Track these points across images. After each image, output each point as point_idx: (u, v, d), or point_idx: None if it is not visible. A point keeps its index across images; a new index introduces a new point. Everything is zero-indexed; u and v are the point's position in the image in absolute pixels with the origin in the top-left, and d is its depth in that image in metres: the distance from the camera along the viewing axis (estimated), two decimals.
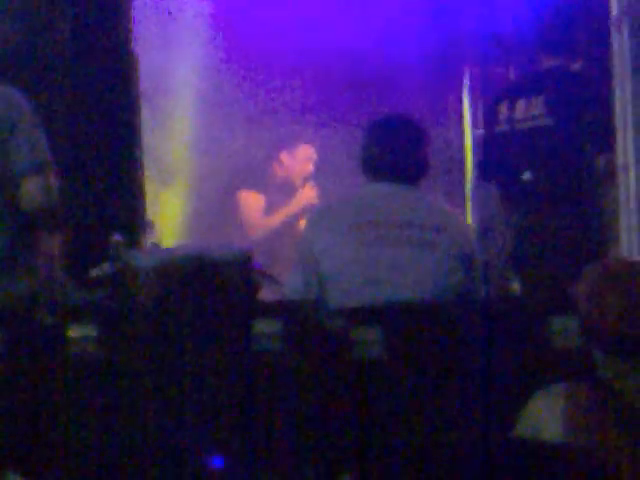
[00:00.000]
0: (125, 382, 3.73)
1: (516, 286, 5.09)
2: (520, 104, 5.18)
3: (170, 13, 7.12)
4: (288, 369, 3.73)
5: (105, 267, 4.13)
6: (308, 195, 7.11)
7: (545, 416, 3.16)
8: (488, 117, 5.39)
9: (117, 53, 4.93)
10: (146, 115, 5.25)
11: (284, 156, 7.28)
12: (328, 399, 3.73)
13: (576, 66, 5.19)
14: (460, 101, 7.29)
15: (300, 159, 7.25)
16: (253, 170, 7.43)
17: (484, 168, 5.44)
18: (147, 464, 3.69)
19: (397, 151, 4.33)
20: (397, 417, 3.73)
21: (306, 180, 7.21)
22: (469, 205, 7.36)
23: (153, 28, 6.80)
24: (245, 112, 7.63)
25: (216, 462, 3.73)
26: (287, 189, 7.21)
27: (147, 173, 5.17)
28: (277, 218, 7.01)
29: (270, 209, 7.18)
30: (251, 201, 7.22)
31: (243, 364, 3.74)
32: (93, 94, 4.89)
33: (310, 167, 7.25)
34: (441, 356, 3.73)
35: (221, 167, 7.62)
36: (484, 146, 5.49)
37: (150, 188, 5.53)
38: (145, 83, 5.36)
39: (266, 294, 4.30)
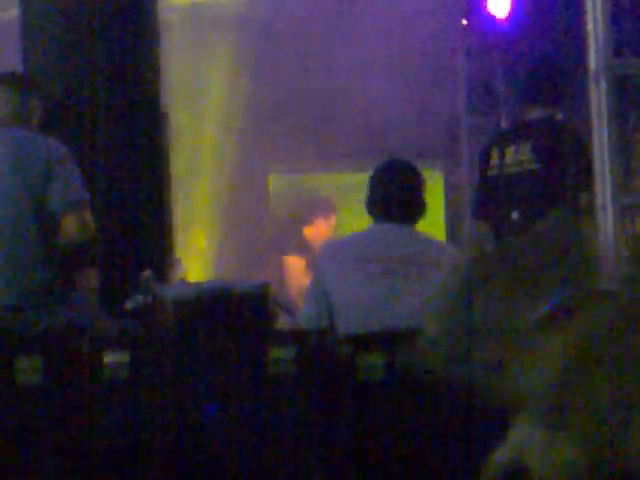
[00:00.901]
0: (154, 402, 3.77)
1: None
2: (509, 150, 5.24)
3: None
4: (300, 390, 3.79)
5: (137, 300, 4.19)
6: None
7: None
8: (481, 162, 5.42)
9: (148, 107, 4.96)
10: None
11: (320, 220, 7.42)
12: (335, 417, 3.80)
13: (559, 116, 5.24)
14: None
15: (330, 225, 7.41)
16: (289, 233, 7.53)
17: (477, 208, 5.46)
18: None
19: (398, 194, 4.39)
20: (396, 434, 3.80)
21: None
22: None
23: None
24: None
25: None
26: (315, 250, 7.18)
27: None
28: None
29: (307, 269, 7.07)
30: (296, 266, 7.27)
31: (260, 385, 3.80)
32: (127, 143, 4.91)
33: (332, 232, 7.38)
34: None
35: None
36: (478, 188, 5.52)
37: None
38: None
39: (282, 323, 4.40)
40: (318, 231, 7.36)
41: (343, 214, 7.49)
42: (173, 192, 4.98)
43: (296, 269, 7.25)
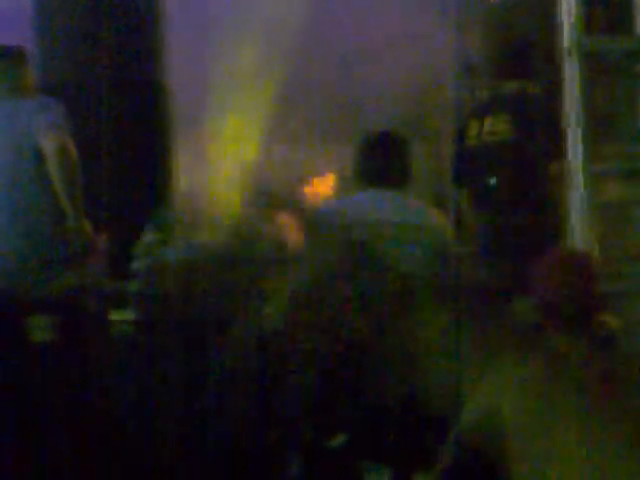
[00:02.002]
0: (158, 358, 3.78)
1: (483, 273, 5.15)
2: (487, 121, 5.28)
3: None
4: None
5: (141, 261, 4.25)
6: None
7: (503, 384, 3.22)
8: (460, 132, 5.44)
9: (152, 86, 5.02)
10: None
11: (317, 181, 7.40)
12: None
13: (532, 89, 5.26)
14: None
15: (328, 185, 7.38)
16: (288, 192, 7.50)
17: (457, 176, 5.48)
18: (172, 434, 3.76)
19: (382, 161, 4.37)
20: None
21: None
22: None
23: None
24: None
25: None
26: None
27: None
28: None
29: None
30: (289, 224, 7.24)
31: (256, 339, 3.80)
32: (132, 121, 4.97)
33: (331, 191, 7.37)
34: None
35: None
36: (457, 157, 5.53)
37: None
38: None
39: None
40: (317, 191, 7.33)
41: None
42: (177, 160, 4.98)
43: (292, 228, 7.23)
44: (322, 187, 7.40)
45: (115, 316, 3.88)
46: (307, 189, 7.40)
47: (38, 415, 3.76)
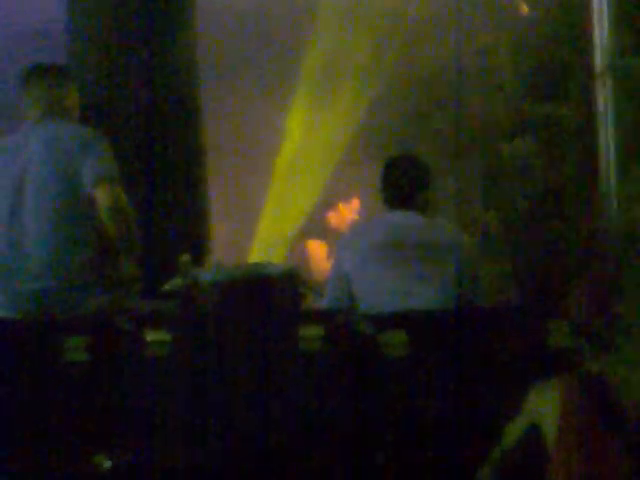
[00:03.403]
0: (193, 377, 3.78)
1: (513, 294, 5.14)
2: (515, 143, 5.26)
3: None
4: (328, 366, 3.80)
5: (176, 282, 4.16)
6: None
7: (542, 408, 3.25)
8: (488, 154, 5.43)
9: (185, 101, 5.01)
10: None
11: (342, 206, 7.35)
12: (360, 390, 3.80)
13: (563, 111, 5.25)
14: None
15: (352, 210, 7.32)
16: (314, 217, 7.51)
17: (486, 197, 5.47)
18: (209, 449, 3.76)
19: (408, 184, 4.43)
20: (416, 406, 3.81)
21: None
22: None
23: None
24: None
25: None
26: (338, 235, 7.19)
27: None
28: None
29: (330, 254, 7.11)
30: (318, 250, 7.23)
31: (291, 361, 3.81)
32: (165, 136, 4.94)
33: (356, 216, 7.31)
34: (455, 354, 3.81)
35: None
36: (487, 178, 5.53)
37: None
38: None
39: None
40: (341, 216, 7.31)
41: None
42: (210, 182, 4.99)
43: (318, 253, 7.22)
44: (347, 212, 7.36)
45: (150, 336, 3.84)
46: (332, 215, 7.37)
47: (71, 435, 3.76)
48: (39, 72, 4.44)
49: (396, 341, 3.82)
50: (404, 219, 4.38)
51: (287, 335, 3.83)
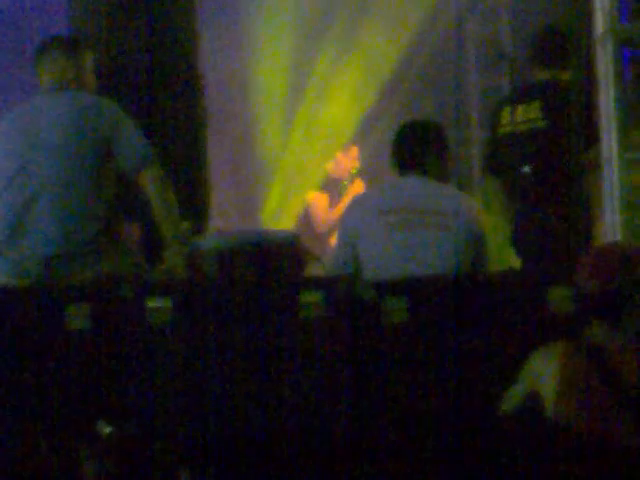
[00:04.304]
0: (195, 343, 3.79)
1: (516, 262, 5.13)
2: (520, 109, 5.22)
3: None
4: (329, 332, 3.79)
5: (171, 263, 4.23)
6: (359, 189, 7.06)
7: (543, 372, 3.25)
8: (493, 120, 5.39)
9: (188, 74, 5.00)
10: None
11: (339, 156, 7.28)
12: (361, 356, 3.81)
13: (566, 76, 5.20)
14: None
15: (352, 158, 7.24)
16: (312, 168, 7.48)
17: (489, 163, 5.43)
18: (210, 416, 3.76)
19: (418, 149, 4.42)
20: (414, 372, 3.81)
21: (354, 176, 7.20)
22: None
23: None
24: None
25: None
26: (339, 185, 7.20)
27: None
28: (337, 212, 6.71)
29: (331, 205, 7.14)
30: (319, 201, 7.19)
31: (292, 328, 3.80)
32: (168, 108, 4.93)
33: (357, 164, 7.25)
34: (456, 321, 3.80)
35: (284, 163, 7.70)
36: (490, 144, 5.48)
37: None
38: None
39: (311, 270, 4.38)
40: (339, 165, 7.27)
41: None
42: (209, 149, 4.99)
43: (319, 204, 7.19)
44: (347, 160, 7.30)
45: (152, 303, 3.82)
46: (331, 164, 7.32)
47: (73, 402, 3.76)
48: (56, 43, 4.45)
49: (397, 307, 3.80)
50: (411, 184, 4.38)
51: (287, 302, 3.81)
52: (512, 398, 3.35)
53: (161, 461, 3.61)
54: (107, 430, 3.60)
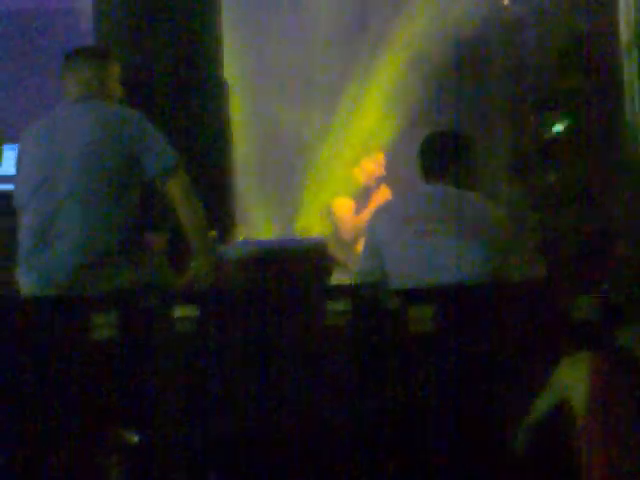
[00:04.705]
0: (221, 353, 3.78)
1: (543, 269, 5.11)
2: (545, 117, 5.21)
3: None
4: (354, 341, 3.78)
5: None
6: (385, 195, 7.03)
7: (571, 382, 3.23)
8: (518, 129, 5.38)
9: (211, 82, 5.01)
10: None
11: (366, 162, 7.23)
12: (385, 365, 3.79)
13: (592, 84, 5.19)
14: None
15: (378, 164, 7.20)
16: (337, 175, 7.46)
17: (516, 172, 5.43)
18: (238, 424, 3.75)
19: (444, 157, 4.42)
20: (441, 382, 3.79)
21: (380, 182, 7.15)
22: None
23: None
24: None
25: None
26: (366, 191, 7.16)
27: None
28: (364, 218, 6.62)
29: (357, 211, 7.09)
30: (345, 207, 7.14)
31: (318, 336, 3.79)
32: (193, 115, 4.96)
33: (383, 170, 7.21)
34: (483, 330, 3.78)
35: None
36: (516, 153, 5.48)
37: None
38: None
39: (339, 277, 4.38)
40: (366, 170, 7.27)
41: None
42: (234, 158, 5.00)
43: (345, 210, 7.17)
44: (372, 166, 7.29)
45: (178, 312, 3.83)
46: (357, 170, 7.31)
47: (100, 411, 3.76)
48: (83, 53, 4.47)
49: (422, 316, 3.79)
50: (436, 191, 4.37)
51: (313, 310, 3.80)
52: (539, 409, 3.33)
53: (188, 468, 3.61)
54: (134, 440, 3.60)
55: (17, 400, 3.74)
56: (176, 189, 4.21)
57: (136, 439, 3.57)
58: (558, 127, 4.99)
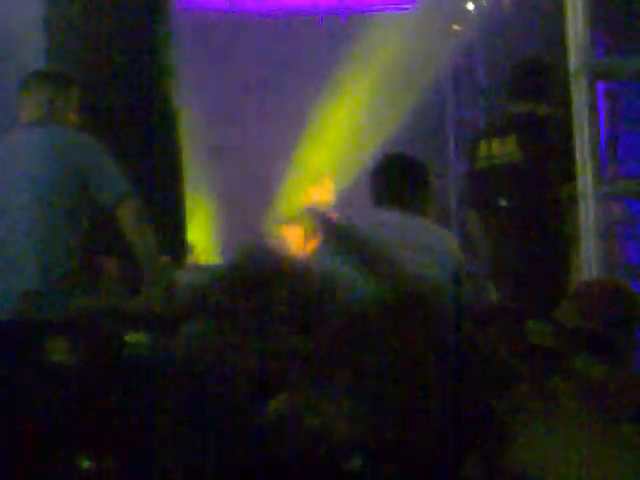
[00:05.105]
0: (171, 377, 3.63)
1: (494, 295, 5.13)
2: (496, 143, 5.23)
3: None
4: None
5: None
6: None
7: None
8: (470, 153, 5.39)
9: (164, 106, 5.04)
10: None
11: (313, 190, 7.26)
12: None
13: (542, 110, 5.21)
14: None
15: (325, 191, 7.26)
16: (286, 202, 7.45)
17: (468, 197, 5.44)
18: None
19: (397, 182, 4.35)
20: None
21: (328, 208, 7.15)
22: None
23: None
24: None
25: None
26: (314, 219, 7.18)
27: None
28: (313, 246, 6.56)
29: (305, 239, 7.00)
30: (294, 235, 7.03)
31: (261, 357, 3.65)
32: (144, 139, 4.97)
33: (331, 197, 7.24)
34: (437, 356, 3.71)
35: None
36: (467, 178, 5.49)
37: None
38: None
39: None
40: (312, 197, 7.24)
41: None
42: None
43: (296, 241, 7.16)
44: (320, 193, 7.28)
45: (132, 338, 3.81)
46: (304, 197, 7.31)
47: (58, 438, 3.72)
48: (41, 76, 4.42)
49: None
50: (388, 218, 4.30)
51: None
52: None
53: None
54: (86, 465, 3.56)
55: None
56: (126, 215, 4.18)
57: (87, 464, 3.54)
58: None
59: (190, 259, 5.30)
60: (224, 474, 3.40)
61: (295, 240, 7.11)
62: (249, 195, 8.04)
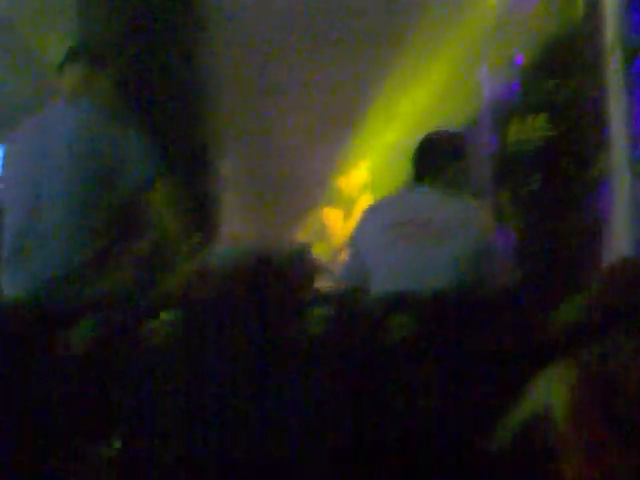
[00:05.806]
0: (202, 358, 3.73)
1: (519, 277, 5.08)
2: (528, 120, 5.18)
3: None
4: (335, 348, 3.74)
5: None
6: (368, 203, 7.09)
7: (547, 397, 3.18)
8: (501, 132, 5.36)
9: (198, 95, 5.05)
10: None
11: (352, 172, 7.28)
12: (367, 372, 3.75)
13: (573, 85, 5.15)
14: None
15: (362, 176, 7.24)
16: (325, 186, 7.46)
17: (498, 177, 5.41)
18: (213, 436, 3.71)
19: (431, 159, 4.37)
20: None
21: (363, 191, 7.19)
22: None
23: None
24: None
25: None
26: (350, 200, 7.20)
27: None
28: (350, 227, 6.52)
29: (344, 219, 7.12)
30: (334, 217, 7.19)
31: (298, 343, 3.74)
32: (177, 120, 5.01)
33: (366, 179, 7.24)
34: (459, 338, 3.73)
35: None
36: (497, 157, 5.46)
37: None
38: None
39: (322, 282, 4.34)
40: (351, 181, 7.22)
41: None
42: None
43: (334, 220, 7.18)
44: (358, 177, 7.28)
45: (156, 319, 3.78)
46: (343, 181, 7.29)
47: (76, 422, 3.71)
48: (76, 54, 4.42)
49: (402, 323, 3.76)
50: (420, 196, 4.32)
51: (294, 317, 3.75)
52: (510, 423, 3.28)
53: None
54: (116, 445, 3.58)
55: None
56: (159, 195, 4.17)
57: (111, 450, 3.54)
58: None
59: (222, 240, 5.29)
60: None
61: (335, 222, 7.14)
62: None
